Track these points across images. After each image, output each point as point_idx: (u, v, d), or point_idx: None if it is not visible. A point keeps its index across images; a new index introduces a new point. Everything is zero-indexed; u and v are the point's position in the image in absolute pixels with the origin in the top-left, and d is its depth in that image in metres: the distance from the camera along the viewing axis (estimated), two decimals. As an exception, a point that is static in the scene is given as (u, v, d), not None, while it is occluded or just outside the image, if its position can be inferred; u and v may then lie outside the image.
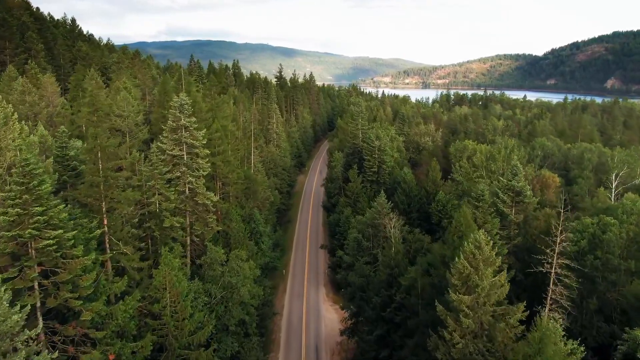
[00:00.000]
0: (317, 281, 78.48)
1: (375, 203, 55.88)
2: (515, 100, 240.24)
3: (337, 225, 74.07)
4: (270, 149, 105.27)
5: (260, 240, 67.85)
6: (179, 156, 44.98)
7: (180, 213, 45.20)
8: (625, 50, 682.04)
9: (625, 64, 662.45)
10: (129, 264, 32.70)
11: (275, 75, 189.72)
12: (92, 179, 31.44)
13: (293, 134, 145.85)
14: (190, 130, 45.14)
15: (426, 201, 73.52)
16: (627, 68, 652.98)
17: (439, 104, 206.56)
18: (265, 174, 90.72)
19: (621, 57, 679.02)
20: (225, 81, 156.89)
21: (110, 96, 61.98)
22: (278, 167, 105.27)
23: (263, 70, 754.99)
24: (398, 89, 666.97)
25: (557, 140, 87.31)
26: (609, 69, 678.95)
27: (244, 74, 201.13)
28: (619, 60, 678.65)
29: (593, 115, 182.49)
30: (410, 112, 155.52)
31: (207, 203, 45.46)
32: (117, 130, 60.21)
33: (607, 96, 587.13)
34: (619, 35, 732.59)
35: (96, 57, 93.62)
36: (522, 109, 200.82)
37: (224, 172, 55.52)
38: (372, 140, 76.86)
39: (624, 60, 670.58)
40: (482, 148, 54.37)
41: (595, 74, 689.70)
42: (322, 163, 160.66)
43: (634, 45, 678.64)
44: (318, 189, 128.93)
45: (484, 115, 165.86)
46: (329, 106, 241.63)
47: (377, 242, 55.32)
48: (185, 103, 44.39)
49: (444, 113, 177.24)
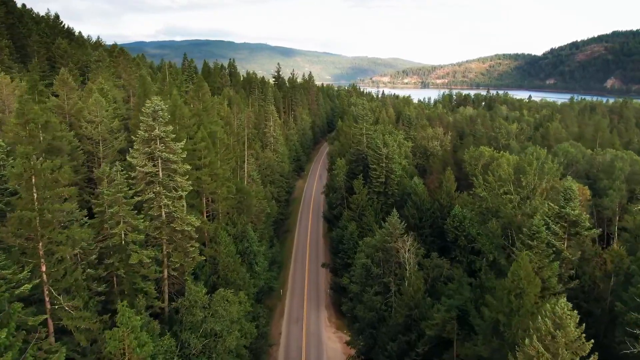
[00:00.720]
0: (318, 302, 70.28)
1: (386, 223, 47.87)
2: (519, 101, 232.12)
3: (341, 242, 66.03)
4: (266, 154, 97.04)
5: (254, 260, 59.77)
6: (152, 173, 36.85)
7: (155, 243, 37.08)
8: (625, 49, 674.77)
9: (625, 63, 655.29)
10: (74, 324, 24.59)
11: (273, 75, 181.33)
12: (23, 214, 23.33)
13: (291, 136, 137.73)
14: (167, 142, 37.00)
15: (440, 215, 65.47)
16: (627, 68, 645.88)
17: (441, 104, 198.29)
18: (262, 182, 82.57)
19: (621, 57, 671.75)
20: (220, 81, 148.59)
21: (82, 99, 53.71)
22: (275, 173, 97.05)
23: (262, 70, 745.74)
24: (397, 88, 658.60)
25: (579, 145, 79.28)
26: (609, 68, 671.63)
27: (240, 73, 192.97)
28: (618, 60, 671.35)
29: (602, 116, 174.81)
30: (414, 114, 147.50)
31: (188, 230, 37.34)
32: (88, 138, 52.06)
33: (607, 96, 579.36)
34: (618, 35, 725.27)
35: (76, 55, 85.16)
36: (529, 110, 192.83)
37: (211, 187, 47.41)
38: (378, 148, 68.70)
39: (623, 60, 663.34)
40: (508, 159, 46.42)
41: (595, 73, 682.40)
42: (322, 167, 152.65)
43: (633, 44, 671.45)
44: (318, 196, 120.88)
45: (490, 116, 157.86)
46: (329, 107, 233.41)
47: (388, 268, 47.39)
48: (160, 109, 36.24)
49: (449, 114, 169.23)
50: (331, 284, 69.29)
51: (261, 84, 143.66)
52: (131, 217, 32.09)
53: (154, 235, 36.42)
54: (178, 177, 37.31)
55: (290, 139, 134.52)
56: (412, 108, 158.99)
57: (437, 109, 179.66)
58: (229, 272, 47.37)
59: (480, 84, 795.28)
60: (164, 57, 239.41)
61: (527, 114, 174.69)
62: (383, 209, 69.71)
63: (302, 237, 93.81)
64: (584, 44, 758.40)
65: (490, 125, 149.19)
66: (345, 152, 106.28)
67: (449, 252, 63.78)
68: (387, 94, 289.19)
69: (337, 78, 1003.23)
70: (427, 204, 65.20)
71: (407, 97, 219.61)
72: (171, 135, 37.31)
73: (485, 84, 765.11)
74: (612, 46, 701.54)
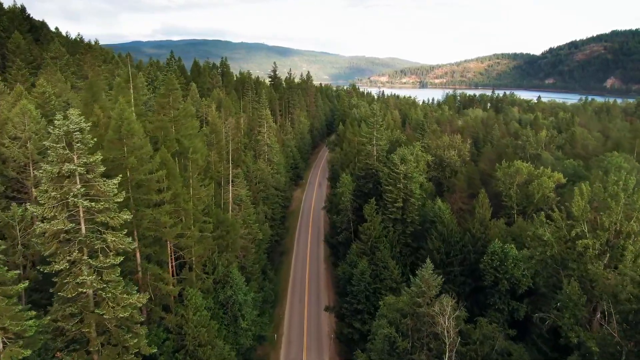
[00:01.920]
0: (320, 352, 56.85)
1: (415, 278, 34.49)
2: (527, 102, 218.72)
3: (349, 282, 52.53)
4: (259, 165, 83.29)
5: (240, 313, 46.25)
6: (68, 230, 23.30)
7: (71, 337, 23.49)
8: (625, 49, 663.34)
9: (625, 63, 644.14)
10: None
11: (269, 74, 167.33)
12: None
13: (288, 141, 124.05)
14: (91, 180, 23.45)
15: (472, 249, 52.07)
16: (627, 67, 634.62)
17: (447, 105, 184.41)
18: (253, 201, 68.95)
19: (620, 57, 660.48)
20: (210, 81, 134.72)
21: (7, 107, 40.00)
22: (269, 188, 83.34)
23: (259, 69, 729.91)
24: (395, 88, 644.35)
25: (630, 158, 65.96)
26: (609, 68, 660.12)
27: (234, 73, 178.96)
28: (618, 59, 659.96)
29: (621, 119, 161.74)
30: (421, 117, 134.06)
31: (124, 316, 23.76)
32: (14, 160, 38.29)
33: (607, 95, 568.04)
34: (617, 34, 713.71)
35: (35, 50, 71.24)
36: (542, 112, 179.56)
37: (176, 230, 33.88)
38: (395, 165, 55.07)
39: (623, 60, 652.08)
40: (583, 189, 33.12)
41: (595, 73, 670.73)
42: (322, 174, 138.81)
43: (633, 44, 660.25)
44: (318, 209, 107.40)
45: (504, 120, 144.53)
46: (328, 108, 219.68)
47: (420, 340, 34.12)
48: (77, 129, 22.66)
49: (457, 117, 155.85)
50: (337, 332, 55.76)
51: (255, 84, 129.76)
52: (10, 320, 18.40)
53: (68, 329, 22.79)
54: (109, 235, 23.67)
55: (287, 144, 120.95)
56: (419, 111, 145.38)
57: (444, 111, 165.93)
58: (200, 347, 33.92)
59: (478, 83, 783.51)
60: (161, 57, 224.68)
61: (541, 116, 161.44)
62: (400, 240, 56.22)
63: (300, 262, 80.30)
64: (583, 43, 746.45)
65: (506, 129, 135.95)
66: (349, 163, 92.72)
67: (484, 294, 50.59)
68: (388, 94, 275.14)
69: (334, 78, 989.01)
70: (456, 236, 51.77)
71: (411, 98, 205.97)
72: (100, 169, 23.70)
73: (483, 84, 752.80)
74: (612, 45, 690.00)
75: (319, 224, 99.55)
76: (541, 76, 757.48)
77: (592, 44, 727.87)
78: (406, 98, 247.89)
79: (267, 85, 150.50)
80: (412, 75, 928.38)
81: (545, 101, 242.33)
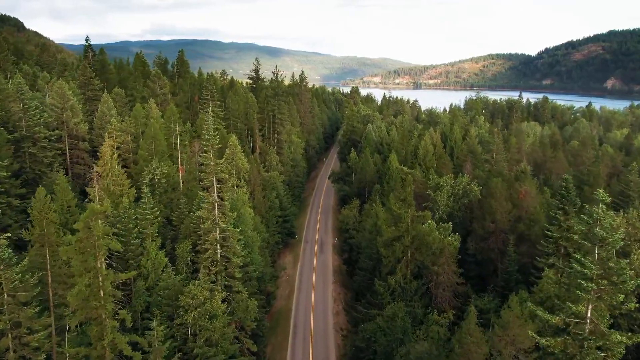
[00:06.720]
0: None
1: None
2: (570, 109, 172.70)
3: None
4: (203, 289, 35.74)
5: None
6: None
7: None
8: (624, 49, 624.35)
9: (625, 63, 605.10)
10: None
11: (250, 75, 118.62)
12: None
13: (274, 180, 76.62)
14: None
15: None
16: (628, 67, 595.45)
17: (479, 115, 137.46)
18: None
19: (620, 57, 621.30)
20: (152, 86, 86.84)
21: None
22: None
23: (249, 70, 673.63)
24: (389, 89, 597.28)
25: None
26: (608, 68, 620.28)
27: (204, 73, 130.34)
28: (617, 59, 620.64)
29: None
30: (475, 138, 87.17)
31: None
32: None
33: (608, 97, 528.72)
34: (615, 34, 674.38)
35: None
36: (604, 123, 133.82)
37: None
38: None
39: (623, 60, 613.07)
40: None
41: (594, 73, 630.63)
42: (324, 216, 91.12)
43: (632, 44, 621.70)
44: (320, 310, 60.90)
45: (582, 142, 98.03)
46: (326, 117, 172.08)
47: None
48: None
49: (507, 134, 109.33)
50: None
51: (221, 90, 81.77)
52: None
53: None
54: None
55: (269, 186, 73.53)
56: (456, 128, 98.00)
57: (481, 125, 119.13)
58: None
59: (474, 84, 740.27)
60: (148, 57, 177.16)
61: (617, 131, 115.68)
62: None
63: None
64: (580, 43, 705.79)
65: (594, 155, 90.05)
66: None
67: None
68: (392, 97, 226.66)
69: (326, 78, 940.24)
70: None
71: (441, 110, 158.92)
72: None
73: (479, 85, 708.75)
74: (610, 45, 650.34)
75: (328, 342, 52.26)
76: (538, 77, 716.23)
77: (590, 44, 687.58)
78: (414, 104, 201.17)
79: (245, 89, 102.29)
80: (405, 75, 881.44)
81: (578, 106, 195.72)
